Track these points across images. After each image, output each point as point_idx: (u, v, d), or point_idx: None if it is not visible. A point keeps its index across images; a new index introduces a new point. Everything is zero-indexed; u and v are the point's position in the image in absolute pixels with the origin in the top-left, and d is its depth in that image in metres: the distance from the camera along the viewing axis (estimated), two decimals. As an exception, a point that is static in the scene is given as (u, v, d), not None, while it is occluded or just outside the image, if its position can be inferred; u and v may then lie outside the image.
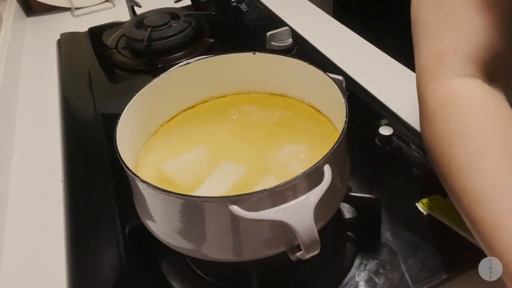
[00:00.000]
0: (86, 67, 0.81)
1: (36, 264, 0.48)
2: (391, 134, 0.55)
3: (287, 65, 0.47)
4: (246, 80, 0.50)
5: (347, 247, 0.44)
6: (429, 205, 0.47)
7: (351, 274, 0.42)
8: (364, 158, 0.54)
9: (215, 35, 0.85)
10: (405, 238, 0.44)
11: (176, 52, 0.80)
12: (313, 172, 0.33)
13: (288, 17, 0.89)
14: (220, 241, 0.35)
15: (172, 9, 0.88)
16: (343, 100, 0.39)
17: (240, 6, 0.97)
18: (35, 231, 0.51)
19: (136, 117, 0.43)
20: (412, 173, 0.51)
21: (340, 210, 0.47)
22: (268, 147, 0.44)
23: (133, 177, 0.35)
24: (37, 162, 0.62)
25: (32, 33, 0.99)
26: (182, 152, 0.45)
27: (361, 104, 0.64)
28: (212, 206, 0.33)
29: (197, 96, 0.50)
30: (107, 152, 0.59)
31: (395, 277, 0.41)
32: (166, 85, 0.46)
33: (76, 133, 0.65)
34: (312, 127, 0.46)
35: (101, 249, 0.47)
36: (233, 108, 0.50)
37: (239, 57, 0.48)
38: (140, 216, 0.40)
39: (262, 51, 0.48)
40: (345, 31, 0.84)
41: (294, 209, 0.31)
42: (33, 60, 0.88)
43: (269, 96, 0.51)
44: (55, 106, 0.72)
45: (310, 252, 0.32)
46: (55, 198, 0.55)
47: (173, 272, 0.44)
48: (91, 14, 1.03)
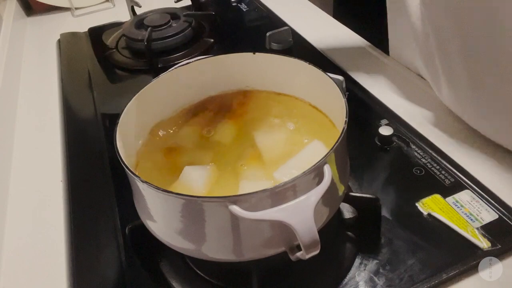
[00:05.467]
0: (86, 67, 0.81)
1: (36, 264, 0.48)
2: (391, 134, 0.55)
3: (287, 65, 0.47)
4: (246, 80, 0.50)
5: (347, 247, 0.44)
6: (429, 205, 0.47)
7: (351, 274, 0.42)
8: (364, 158, 0.54)
9: (215, 35, 0.85)
10: (405, 238, 0.44)
11: (176, 52, 0.80)
12: (313, 172, 0.33)
13: (288, 17, 0.89)
14: (220, 241, 0.35)
15: (172, 9, 0.88)
16: (343, 100, 0.39)
17: (240, 6, 0.97)
18: (35, 231, 0.51)
19: (136, 117, 0.43)
20: (412, 173, 0.51)
21: (340, 210, 0.47)
22: (268, 147, 0.44)
23: (133, 177, 0.35)
24: (37, 162, 0.62)
25: (32, 33, 0.99)
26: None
27: (361, 104, 0.64)
28: (212, 206, 0.33)
29: (197, 96, 0.50)
30: (107, 152, 0.59)
31: (395, 277, 0.41)
32: (166, 85, 0.46)
33: (76, 133, 0.65)
34: (312, 127, 0.46)
35: (101, 249, 0.47)
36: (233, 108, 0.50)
37: (239, 57, 0.48)
38: (140, 216, 0.40)
39: (262, 51, 0.48)
40: (345, 31, 0.84)
41: (294, 209, 0.31)
42: (33, 60, 0.88)
43: (269, 95, 0.51)
44: (55, 106, 0.72)
45: (310, 252, 0.32)
46: (55, 198, 0.55)
47: (173, 272, 0.44)
48: (91, 14, 1.03)
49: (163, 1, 0.92)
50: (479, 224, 0.44)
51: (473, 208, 0.46)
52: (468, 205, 0.46)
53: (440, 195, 0.47)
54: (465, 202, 0.46)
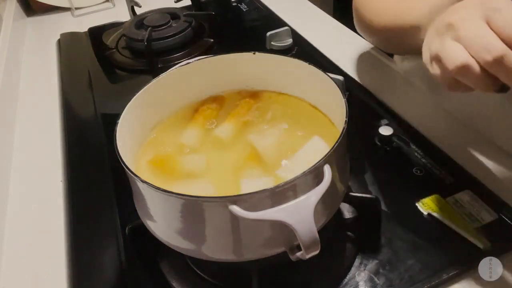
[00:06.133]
0: (86, 67, 0.81)
1: (36, 264, 0.48)
2: (391, 134, 0.55)
3: (287, 65, 0.47)
4: (246, 80, 0.50)
5: (347, 247, 0.44)
6: (429, 205, 0.47)
7: (351, 274, 0.42)
8: (364, 158, 0.54)
9: (215, 35, 0.85)
10: (405, 238, 0.44)
11: (176, 52, 0.80)
12: (313, 172, 0.33)
13: (288, 17, 0.89)
14: (220, 241, 0.35)
15: (172, 9, 0.88)
16: (343, 100, 0.39)
17: (240, 6, 0.97)
18: (35, 231, 0.51)
19: (136, 117, 0.43)
20: (412, 173, 0.51)
21: (340, 210, 0.47)
22: (268, 147, 0.44)
23: (133, 177, 0.35)
24: (37, 162, 0.62)
25: (32, 33, 0.99)
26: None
27: (361, 104, 0.64)
28: (212, 206, 0.33)
29: (197, 96, 0.50)
30: (107, 152, 0.59)
31: (395, 277, 0.41)
32: (166, 85, 0.46)
33: (76, 133, 0.65)
34: (312, 127, 0.46)
35: (101, 249, 0.47)
36: (233, 107, 0.50)
37: (239, 57, 0.48)
38: (140, 216, 0.40)
39: (262, 51, 0.48)
40: (345, 31, 0.84)
41: (294, 209, 0.31)
42: (33, 60, 0.88)
43: (269, 95, 0.51)
44: (55, 106, 0.72)
45: (310, 252, 0.32)
46: (55, 198, 0.55)
47: (173, 272, 0.44)
48: (91, 14, 1.03)
49: (163, 1, 0.92)
50: (479, 224, 0.44)
51: (473, 208, 0.46)
52: (468, 205, 0.46)
53: (440, 195, 0.47)
54: (465, 202, 0.46)
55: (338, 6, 1.05)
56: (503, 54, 0.34)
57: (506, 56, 0.34)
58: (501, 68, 0.34)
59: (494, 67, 0.35)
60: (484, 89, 0.36)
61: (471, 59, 0.35)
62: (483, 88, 0.36)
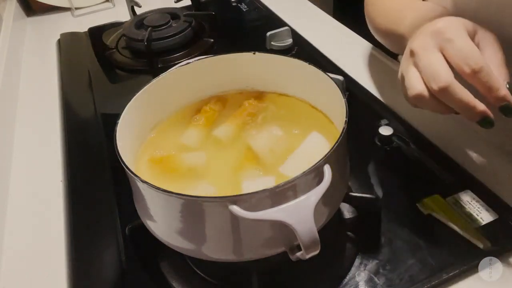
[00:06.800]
0: (86, 67, 0.81)
1: (36, 264, 0.48)
2: (391, 134, 0.55)
3: (287, 65, 0.47)
4: (246, 80, 0.50)
5: (347, 247, 0.44)
6: (429, 205, 0.47)
7: (351, 274, 0.42)
8: (364, 158, 0.54)
9: (215, 35, 0.85)
10: (405, 238, 0.44)
11: (176, 52, 0.80)
12: (313, 172, 0.33)
13: (288, 17, 0.89)
14: (220, 241, 0.35)
15: (172, 9, 0.88)
16: (343, 100, 0.39)
17: (240, 6, 0.97)
18: (35, 231, 0.51)
19: (136, 117, 0.43)
20: (412, 173, 0.51)
21: (340, 210, 0.47)
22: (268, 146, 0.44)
23: (133, 177, 0.35)
24: (37, 162, 0.62)
25: (32, 33, 0.99)
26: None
27: (361, 104, 0.64)
28: (212, 206, 0.33)
29: (197, 96, 0.50)
30: (107, 152, 0.59)
31: (395, 277, 0.41)
32: (166, 85, 0.46)
33: (76, 133, 0.65)
34: (312, 127, 0.46)
35: (101, 249, 0.47)
36: (235, 108, 0.50)
37: (239, 57, 0.48)
38: (140, 216, 0.40)
39: (262, 51, 0.48)
40: (345, 31, 0.84)
41: (294, 209, 0.31)
42: (33, 60, 0.88)
43: (269, 96, 0.51)
44: (55, 106, 0.72)
45: (310, 252, 0.32)
46: (55, 198, 0.55)
47: (173, 272, 0.44)
48: (91, 14, 1.03)
49: (163, 1, 0.92)
50: (479, 224, 0.44)
51: (473, 208, 0.46)
52: (468, 205, 0.46)
53: (440, 195, 0.47)
54: (465, 202, 0.46)
55: (338, 6, 1.05)
56: (447, 85, 0.36)
57: (450, 86, 0.36)
58: (447, 97, 0.37)
59: (441, 96, 0.37)
60: (444, 113, 0.39)
61: (424, 88, 0.38)
62: (443, 112, 0.39)
